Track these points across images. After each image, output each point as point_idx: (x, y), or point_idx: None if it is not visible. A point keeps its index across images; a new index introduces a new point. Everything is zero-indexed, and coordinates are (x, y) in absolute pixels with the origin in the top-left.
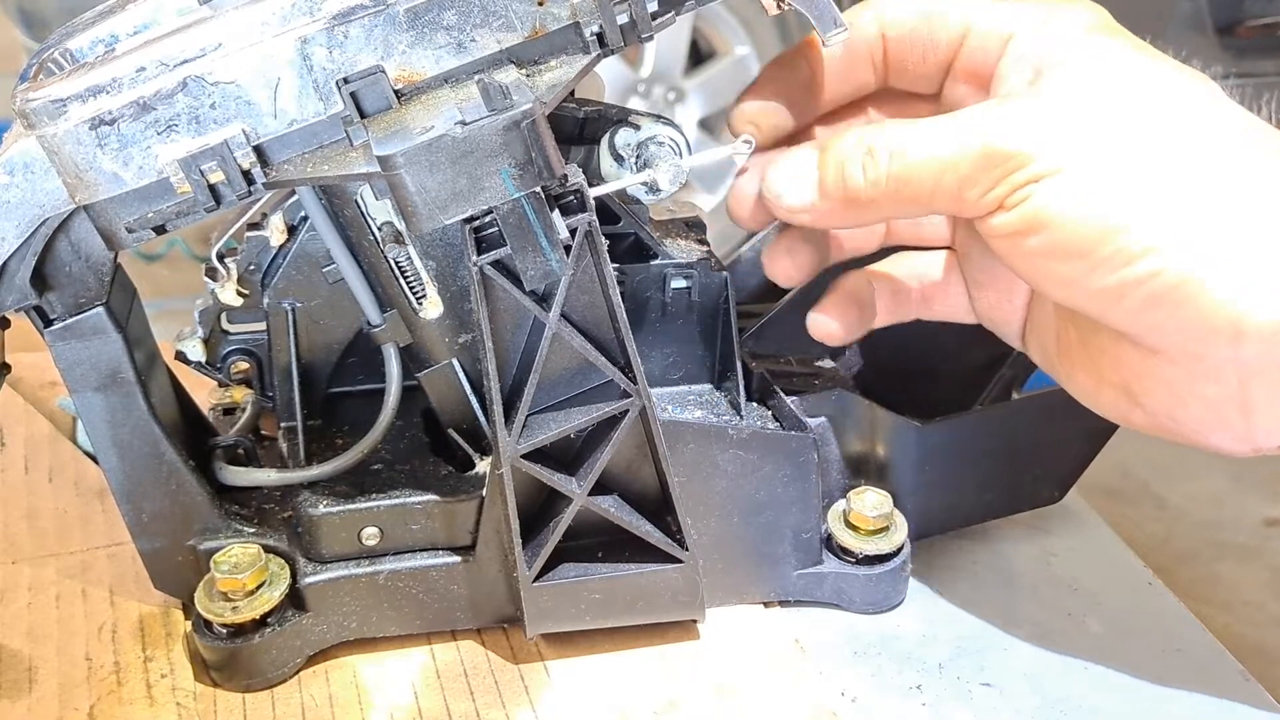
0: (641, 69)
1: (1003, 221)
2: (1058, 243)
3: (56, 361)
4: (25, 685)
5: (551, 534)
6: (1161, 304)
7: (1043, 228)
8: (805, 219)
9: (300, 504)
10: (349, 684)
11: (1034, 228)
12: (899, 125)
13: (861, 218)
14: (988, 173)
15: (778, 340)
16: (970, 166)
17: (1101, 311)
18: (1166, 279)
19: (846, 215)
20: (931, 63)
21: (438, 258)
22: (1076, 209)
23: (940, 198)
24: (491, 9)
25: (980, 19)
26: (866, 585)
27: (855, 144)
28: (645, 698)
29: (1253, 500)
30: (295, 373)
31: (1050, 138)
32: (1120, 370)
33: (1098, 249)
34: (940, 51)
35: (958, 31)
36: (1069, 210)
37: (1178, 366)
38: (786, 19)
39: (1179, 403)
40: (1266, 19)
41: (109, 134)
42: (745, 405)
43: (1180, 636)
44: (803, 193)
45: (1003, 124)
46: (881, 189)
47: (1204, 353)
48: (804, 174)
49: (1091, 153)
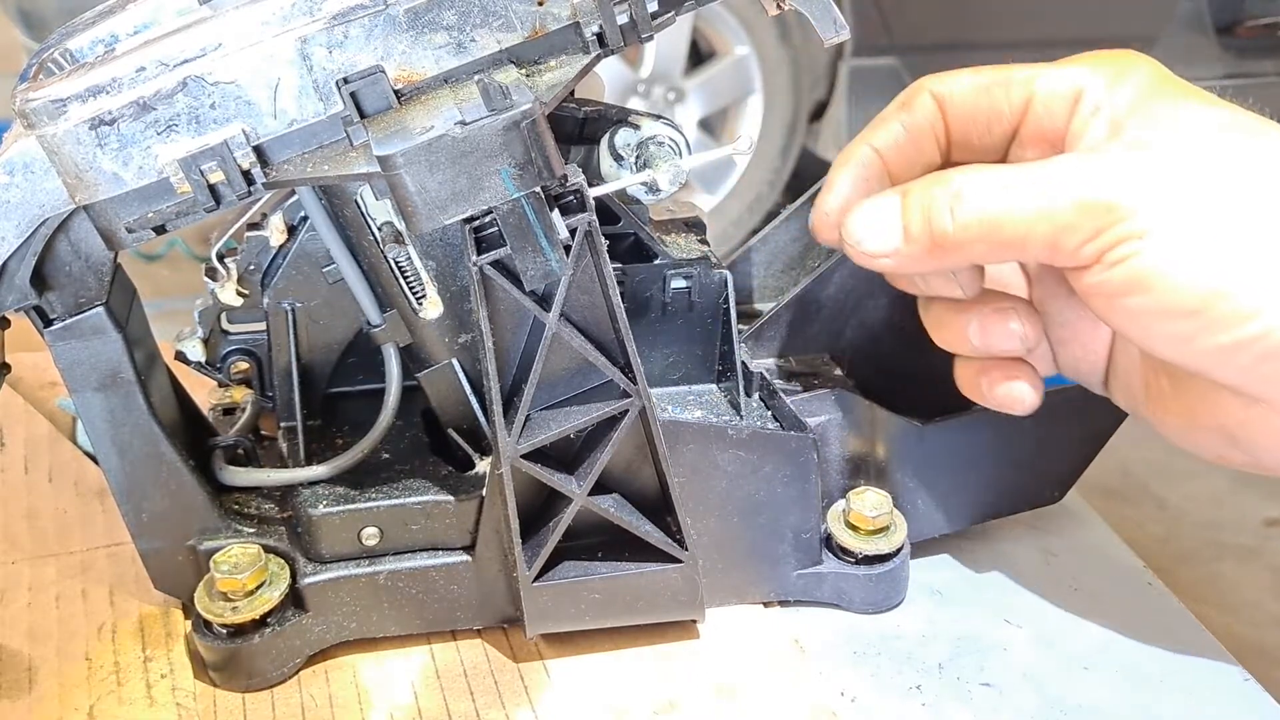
0: (641, 69)
1: (1104, 279)
2: (1166, 303)
3: (56, 361)
4: (25, 685)
5: (551, 534)
6: (1271, 360)
7: (1149, 288)
8: (887, 264)
9: (300, 504)
10: (349, 684)
11: (1139, 287)
12: (989, 168)
13: (946, 262)
14: (1088, 221)
15: (778, 340)
16: (1070, 214)
17: (1210, 368)
18: (1276, 338)
19: (930, 260)
20: (997, 133)
21: (438, 258)
22: (1184, 270)
23: (1034, 244)
24: (491, 9)
25: (1045, 83)
26: (866, 585)
27: (943, 186)
28: (645, 698)
29: (1253, 500)
30: (295, 373)
31: (1148, 192)
32: (1219, 416)
33: (1207, 310)
34: (1005, 121)
35: (1021, 98)
36: (1177, 271)
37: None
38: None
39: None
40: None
41: (109, 134)
42: (745, 405)
43: (1180, 636)
44: (886, 238)
45: (1101, 173)
46: (971, 232)
47: None
48: (886, 219)
49: (1191, 210)
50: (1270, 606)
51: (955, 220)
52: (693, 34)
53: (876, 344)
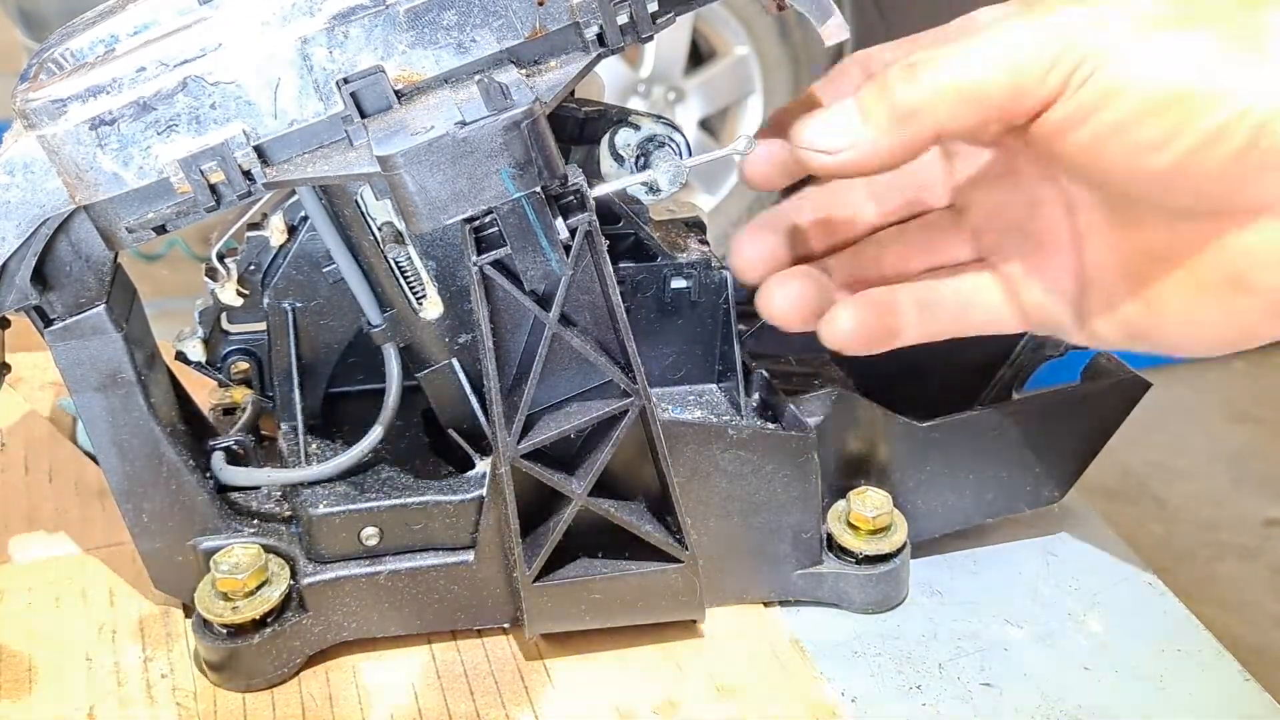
0: (641, 69)
1: (1072, 107)
2: (1139, 107)
3: (56, 361)
4: (25, 685)
5: (551, 534)
6: (1256, 145)
7: (1119, 95)
8: (847, 158)
9: (300, 504)
10: (349, 684)
11: (1109, 99)
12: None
13: (908, 139)
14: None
15: (778, 340)
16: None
17: (1195, 179)
18: (1256, 116)
19: (891, 139)
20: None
21: (438, 258)
22: (1153, 66)
23: (996, 90)
24: (491, 9)
25: None
26: (866, 585)
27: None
28: (645, 698)
29: (1253, 500)
30: (295, 373)
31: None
32: (1222, 260)
33: (1185, 100)
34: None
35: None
36: (1146, 69)
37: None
38: (786, 19)
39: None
40: None
41: (109, 134)
42: (745, 405)
43: (1180, 636)
44: (843, 128)
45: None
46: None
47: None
48: (841, 110)
49: (1144, 13)
50: (1270, 606)
51: (914, 83)
52: (693, 34)
53: None
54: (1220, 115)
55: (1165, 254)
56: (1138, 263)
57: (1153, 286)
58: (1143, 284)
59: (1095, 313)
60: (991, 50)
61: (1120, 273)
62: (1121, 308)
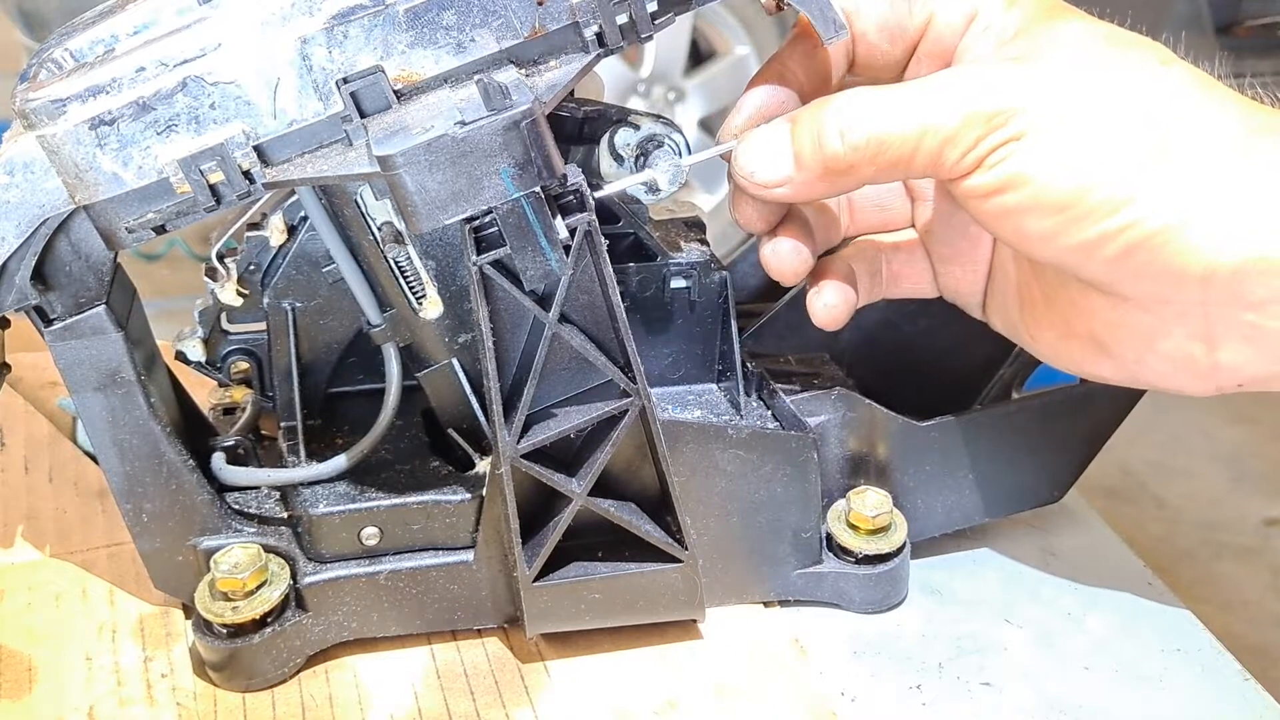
0: (641, 69)
1: (981, 181)
2: (1038, 199)
3: (56, 361)
4: (25, 685)
5: (551, 534)
6: (1138, 252)
7: (1023, 185)
8: (782, 193)
9: (300, 504)
10: (349, 684)
11: (1014, 184)
12: (874, 90)
13: (839, 186)
14: (970, 131)
15: (778, 340)
16: (954, 127)
17: (1079, 263)
18: (1143, 228)
19: (823, 185)
20: (899, 49)
21: (438, 258)
22: (1056, 166)
23: (920, 159)
24: (491, 9)
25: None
26: (866, 585)
27: (830, 111)
28: (645, 698)
29: (1253, 500)
30: (295, 373)
31: (1026, 99)
32: (1088, 321)
33: (1077, 203)
34: (907, 36)
35: (924, 15)
36: (1049, 167)
37: (1147, 312)
38: (786, 19)
39: (1147, 347)
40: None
41: (109, 134)
42: (745, 405)
43: (1180, 636)
44: (778, 167)
45: (984, 85)
46: (861, 153)
47: (1174, 296)
48: (777, 147)
49: (1065, 112)
50: (1270, 606)
51: (845, 142)
52: (693, 34)
53: (876, 344)
54: (1105, 225)
55: (1049, 295)
56: (1029, 289)
57: (1035, 315)
58: (1030, 307)
59: (992, 308)
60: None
61: (1015, 289)
62: (1010, 315)
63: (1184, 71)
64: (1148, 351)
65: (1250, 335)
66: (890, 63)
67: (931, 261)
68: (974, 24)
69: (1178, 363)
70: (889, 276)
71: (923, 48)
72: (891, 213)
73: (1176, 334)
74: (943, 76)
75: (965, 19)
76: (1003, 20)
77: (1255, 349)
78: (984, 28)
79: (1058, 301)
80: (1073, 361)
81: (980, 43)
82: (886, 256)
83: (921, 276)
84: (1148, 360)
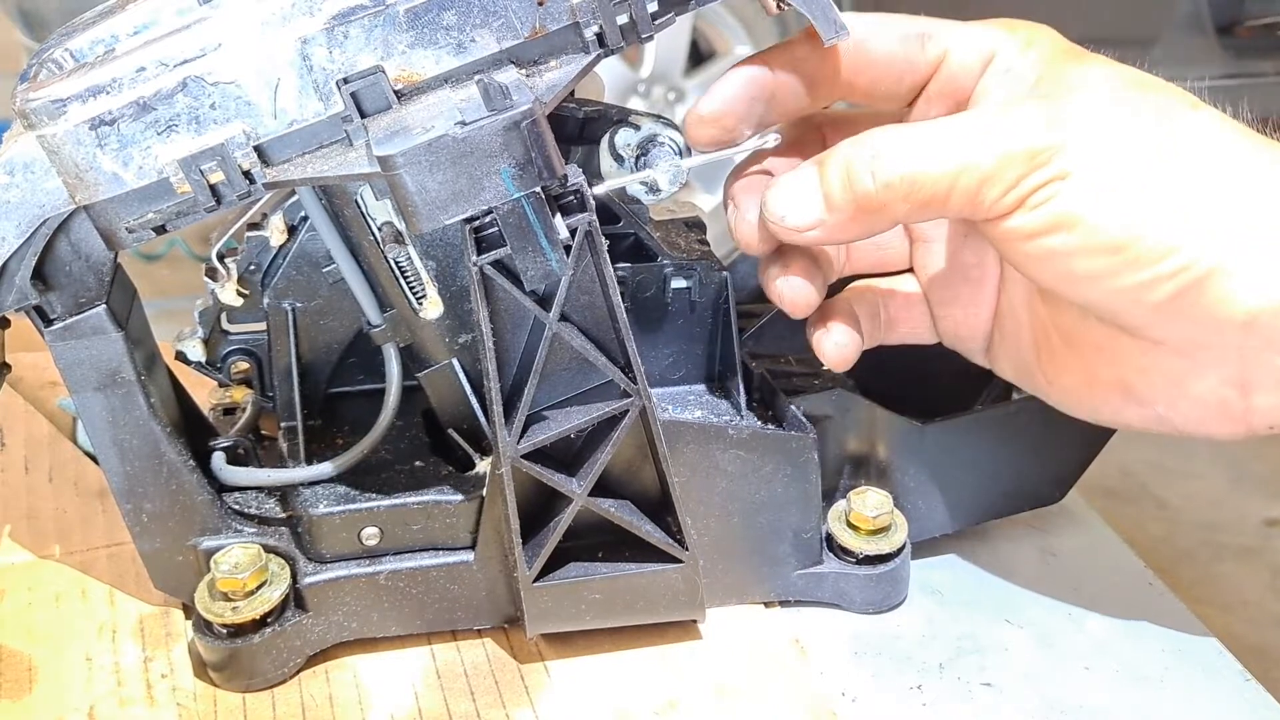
0: (641, 69)
1: (1025, 222)
2: (1089, 241)
3: (56, 361)
4: (25, 685)
5: (551, 534)
6: (1188, 296)
7: (1074, 225)
8: (814, 236)
9: (301, 504)
10: (349, 684)
11: (1063, 225)
12: (905, 127)
13: (870, 227)
14: (1010, 170)
15: (778, 340)
16: (992, 165)
17: (1125, 307)
18: (1194, 272)
19: (855, 226)
20: (907, 84)
21: (438, 258)
22: (1107, 207)
23: (957, 198)
24: (491, 9)
25: (961, 41)
26: (866, 585)
27: (861, 149)
28: (645, 698)
29: (1253, 500)
30: (295, 373)
31: (1068, 137)
32: (1117, 366)
33: (1131, 245)
34: (917, 73)
35: (937, 53)
36: (1100, 208)
37: (1184, 357)
38: (786, 19)
39: (1180, 393)
40: (1266, 19)
41: (109, 134)
42: (745, 405)
43: (1180, 636)
44: (809, 210)
45: (1022, 123)
46: (894, 192)
47: (1214, 341)
48: (806, 190)
49: (1108, 151)
50: (1270, 606)
51: (877, 180)
52: (693, 34)
53: None
54: (1158, 269)
55: (1071, 340)
56: (1046, 334)
57: (1054, 360)
58: (1047, 353)
59: (999, 354)
60: (960, 152)
61: (1029, 334)
62: (1023, 361)
63: (1213, 116)
64: (1181, 396)
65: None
66: (895, 96)
67: (930, 305)
68: (992, 65)
69: (1210, 407)
70: (886, 321)
71: (933, 86)
72: (889, 252)
73: (1211, 378)
74: (977, 113)
75: (982, 60)
76: (1023, 61)
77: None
78: (1004, 69)
79: (1081, 347)
80: (1095, 408)
81: (1001, 85)
82: (883, 301)
83: (919, 321)
84: (1179, 405)
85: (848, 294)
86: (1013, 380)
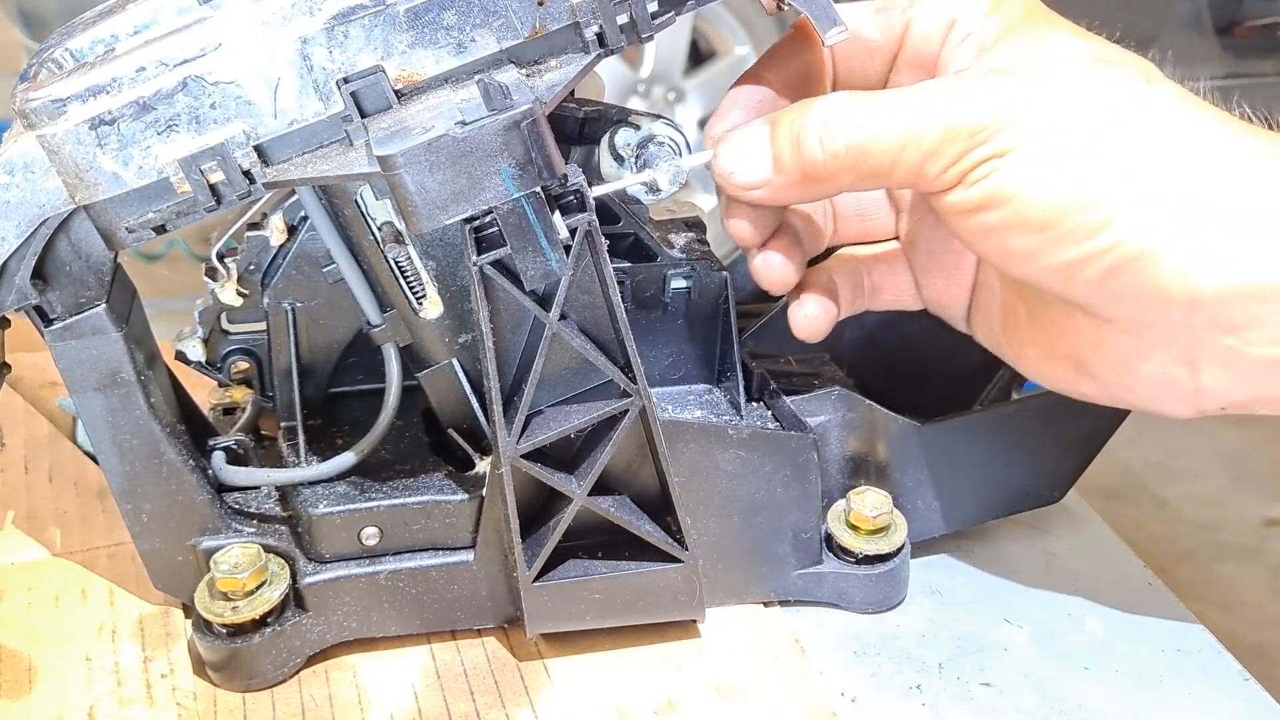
0: (641, 69)
1: (963, 197)
2: (1020, 217)
3: (56, 361)
4: (25, 685)
5: (551, 534)
6: (1120, 274)
7: (1005, 203)
8: (759, 195)
9: (300, 504)
10: (349, 684)
11: (996, 203)
12: (856, 97)
13: (816, 192)
14: (952, 146)
15: (778, 340)
16: (935, 140)
17: (1060, 284)
18: (1126, 250)
19: (801, 190)
20: (879, 59)
21: (438, 258)
22: (1039, 185)
23: (901, 170)
24: (491, 9)
25: (922, 9)
26: (866, 585)
27: (811, 116)
28: (645, 698)
29: (1253, 500)
30: (295, 373)
31: (1010, 114)
32: (1071, 341)
33: (1060, 223)
34: (886, 47)
35: (900, 24)
36: (1032, 186)
37: (1130, 335)
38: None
39: (1130, 370)
40: (1265, 19)
41: (109, 134)
42: (745, 405)
43: (1180, 636)
44: (757, 169)
45: (967, 99)
46: (840, 161)
47: (1157, 320)
48: (757, 149)
49: (1048, 129)
50: (1270, 606)
51: (824, 149)
52: (693, 34)
53: (876, 344)
54: (1087, 247)
55: (1032, 314)
56: (1013, 306)
57: (1018, 332)
58: (1013, 324)
59: (976, 322)
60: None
61: (999, 305)
62: (993, 330)
63: (1168, 90)
64: (1130, 374)
65: (1231, 360)
66: (870, 74)
67: (914, 273)
68: (953, 31)
69: (1160, 385)
70: (870, 288)
71: (902, 57)
72: (875, 223)
73: (1159, 357)
74: (926, 87)
75: (944, 26)
76: (984, 27)
77: (1236, 374)
78: (964, 35)
79: (1041, 320)
80: (1055, 380)
81: (961, 52)
82: (867, 268)
83: (903, 288)
84: (1130, 382)
85: (830, 263)
86: (988, 348)
